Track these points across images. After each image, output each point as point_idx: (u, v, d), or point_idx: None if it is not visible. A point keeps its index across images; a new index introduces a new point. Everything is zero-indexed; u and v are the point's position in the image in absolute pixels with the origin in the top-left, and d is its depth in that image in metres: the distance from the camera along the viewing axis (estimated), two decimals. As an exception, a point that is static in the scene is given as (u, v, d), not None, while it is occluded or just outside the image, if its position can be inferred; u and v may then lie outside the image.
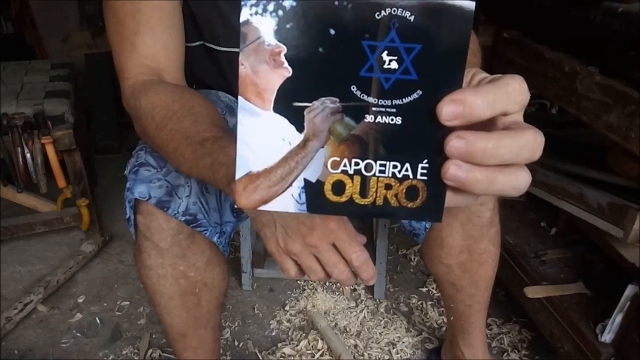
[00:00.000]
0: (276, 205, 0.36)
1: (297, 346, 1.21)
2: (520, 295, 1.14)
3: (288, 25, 0.32)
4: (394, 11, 0.31)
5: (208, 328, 0.85)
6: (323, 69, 0.33)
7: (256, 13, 0.32)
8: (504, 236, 0.89)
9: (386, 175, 0.35)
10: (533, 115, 1.47)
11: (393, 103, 0.33)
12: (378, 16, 0.32)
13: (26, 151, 1.26)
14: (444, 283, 0.92)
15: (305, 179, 0.36)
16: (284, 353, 1.20)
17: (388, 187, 0.35)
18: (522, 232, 1.26)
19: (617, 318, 0.94)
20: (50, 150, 1.29)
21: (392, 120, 0.34)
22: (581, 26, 0.95)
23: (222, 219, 0.73)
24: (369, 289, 1.38)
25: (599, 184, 1.05)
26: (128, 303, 1.36)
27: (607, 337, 0.96)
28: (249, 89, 0.34)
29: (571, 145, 1.22)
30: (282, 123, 0.34)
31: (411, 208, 0.35)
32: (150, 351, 1.21)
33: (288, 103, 0.34)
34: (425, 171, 0.35)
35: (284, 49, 0.33)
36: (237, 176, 0.35)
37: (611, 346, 0.96)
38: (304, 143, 0.35)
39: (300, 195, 0.36)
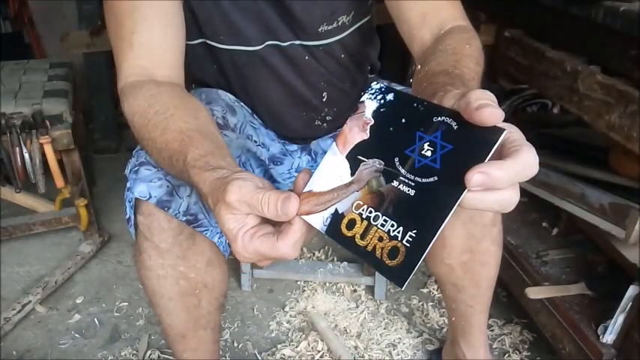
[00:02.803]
0: (311, 219, 0.46)
1: (296, 347, 1.21)
2: (521, 296, 1.13)
3: (382, 110, 0.47)
4: (446, 119, 0.42)
5: (208, 329, 0.84)
6: (386, 141, 0.46)
7: (369, 98, 0.48)
8: (506, 236, 0.88)
9: (384, 229, 0.43)
10: (535, 115, 1.46)
11: (415, 179, 0.42)
12: (435, 119, 0.43)
13: (24, 150, 1.25)
14: (446, 283, 0.92)
15: (336, 209, 0.46)
16: (284, 354, 1.19)
17: (380, 239, 0.43)
18: (524, 233, 1.25)
19: (618, 319, 0.94)
20: (48, 150, 1.28)
21: (408, 190, 0.43)
22: (583, 25, 0.95)
23: (222, 219, 0.73)
24: (370, 290, 1.38)
25: (601, 184, 1.04)
26: (127, 304, 1.35)
27: (609, 337, 0.95)
28: (340, 139, 0.48)
29: (573, 144, 1.22)
30: (345, 165, 0.47)
31: (388, 265, 0.42)
32: (149, 352, 1.20)
33: (355, 155, 0.47)
34: (410, 239, 0.42)
35: (372, 122, 0.47)
36: (304, 190, 0.47)
37: (613, 347, 0.95)
38: (349, 184, 0.46)
39: (327, 219, 0.46)
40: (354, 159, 0.47)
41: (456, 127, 0.42)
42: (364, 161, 0.46)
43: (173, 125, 0.60)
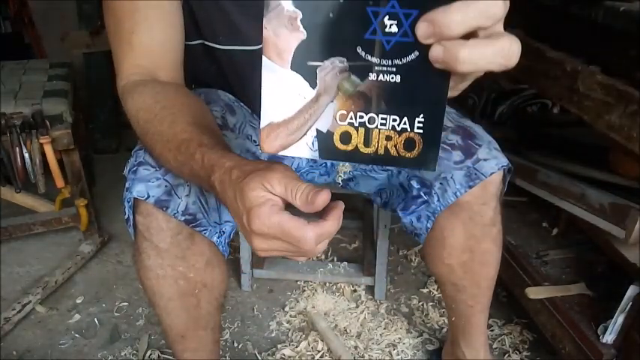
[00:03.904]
0: (293, 151, 0.41)
1: (297, 347, 1.21)
2: (521, 296, 1.13)
3: None
4: None
5: (208, 329, 0.84)
6: (333, 32, 0.37)
7: None
8: (506, 237, 0.88)
9: (386, 127, 0.40)
10: (535, 115, 1.46)
11: (393, 62, 0.37)
12: None
13: (24, 150, 1.25)
14: (446, 283, 0.92)
15: (317, 129, 0.41)
16: (284, 354, 1.19)
17: (388, 138, 0.40)
18: (524, 233, 1.25)
19: (618, 319, 0.94)
20: (48, 150, 1.28)
21: (392, 78, 0.38)
22: (583, 25, 0.95)
23: (221, 218, 0.73)
24: (370, 290, 1.38)
25: (601, 184, 1.04)
26: (127, 304, 1.35)
27: (609, 338, 0.95)
28: (270, 50, 0.39)
29: (573, 144, 1.22)
30: (298, 80, 0.40)
31: (408, 157, 0.40)
32: (149, 352, 1.20)
33: (303, 62, 0.39)
34: (421, 125, 0.39)
35: (300, 14, 0.38)
36: (261, 126, 0.41)
37: (613, 347, 0.95)
38: (316, 98, 0.40)
39: (313, 143, 0.41)
40: (303, 67, 0.39)
41: None
42: (319, 65, 0.39)
43: (182, 119, 0.60)
